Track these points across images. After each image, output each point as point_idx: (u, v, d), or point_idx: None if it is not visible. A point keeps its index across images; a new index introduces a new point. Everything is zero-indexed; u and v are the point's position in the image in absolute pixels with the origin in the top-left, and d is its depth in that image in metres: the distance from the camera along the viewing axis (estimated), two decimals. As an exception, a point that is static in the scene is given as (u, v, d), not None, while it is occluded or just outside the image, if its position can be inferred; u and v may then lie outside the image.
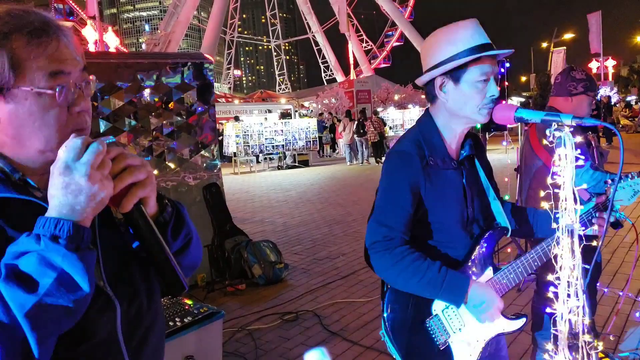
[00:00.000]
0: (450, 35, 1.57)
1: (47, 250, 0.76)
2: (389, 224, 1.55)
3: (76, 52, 0.92)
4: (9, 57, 0.84)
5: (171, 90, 5.08)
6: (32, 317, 0.75)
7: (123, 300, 0.95)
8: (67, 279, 0.77)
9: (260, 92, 38.06)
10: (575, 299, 1.39)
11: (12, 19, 0.86)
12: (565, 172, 1.39)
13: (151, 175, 0.91)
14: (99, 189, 0.81)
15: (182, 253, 1.04)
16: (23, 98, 0.86)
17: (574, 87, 2.71)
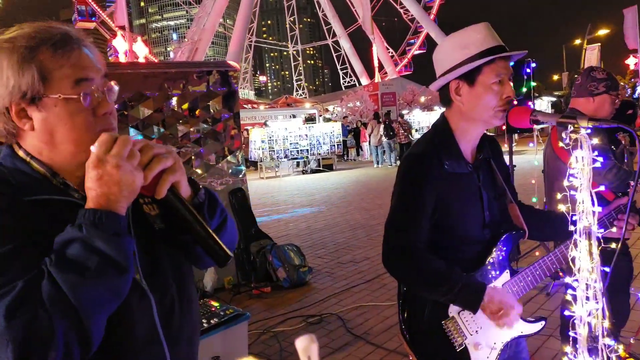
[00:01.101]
0: (462, 40, 1.59)
1: (89, 237, 0.85)
2: (406, 228, 1.57)
3: (97, 60, 1.00)
4: (38, 69, 0.91)
5: (197, 98, 5.21)
6: (82, 297, 0.83)
7: (157, 292, 1.02)
8: (110, 262, 0.86)
9: (285, 98, 38.34)
10: (594, 301, 1.39)
11: (37, 34, 0.93)
12: (582, 174, 1.39)
13: (178, 160, 0.97)
14: (129, 177, 0.88)
15: (220, 230, 1.10)
16: (52, 105, 0.93)
17: (595, 87, 2.68)
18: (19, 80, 0.91)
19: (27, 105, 0.94)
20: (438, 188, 1.59)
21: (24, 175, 0.97)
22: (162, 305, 1.04)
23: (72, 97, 0.94)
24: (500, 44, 1.58)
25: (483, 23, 1.63)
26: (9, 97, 0.92)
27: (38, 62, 0.92)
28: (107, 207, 0.88)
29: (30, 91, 0.92)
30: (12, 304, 0.81)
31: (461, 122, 1.65)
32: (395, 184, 1.66)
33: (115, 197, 0.88)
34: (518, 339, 1.69)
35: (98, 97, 0.98)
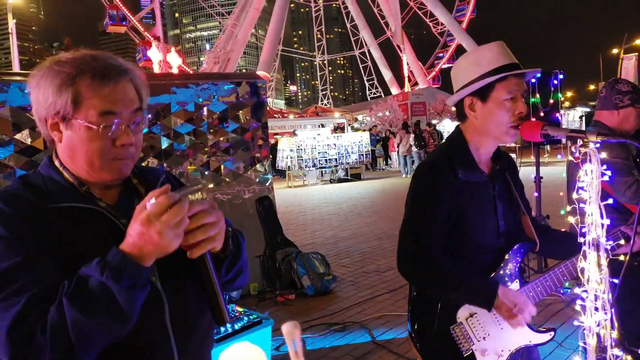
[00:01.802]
0: (476, 57, 1.65)
1: (107, 280, 0.91)
2: (420, 235, 1.63)
3: (132, 94, 1.09)
4: (72, 95, 1.02)
5: (227, 108, 5.38)
6: (79, 332, 0.90)
7: (171, 293, 1.09)
8: (117, 309, 0.92)
9: (315, 107, 38.66)
10: (602, 312, 1.42)
11: (83, 63, 1.04)
12: (591, 188, 1.43)
13: (222, 229, 1.03)
14: (167, 243, 0.93)
15: (231, 282, 1.19)
16: (78, 128, 1.04)
17: (620, 99, 2.66)
18: (56, 100, 1.03)
19: (59, 121, 1.06)
20: (451, 196, 1.64)
21: (55, 183, 1.08)
22: (175, 308, 1.09)
23: (93, 126, 1.03)
24: (513, 62, 1.63)
25: (497, 42, 1.69)
26: (46, 110, 1.05)
27: (75, 88, 1.02)
28: (136, 256, 0.93)
29: (63, 111, 1.04)
30: (14, 320, 0.90)
31: (475, 136, 1.71)
32: (408, 192, 1.73)
33: (147, 252, 0.94)
34: (530, 348, 1.72)
35: (120, 130, 1.06)
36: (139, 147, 1.13)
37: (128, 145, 1.08)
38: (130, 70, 1.10)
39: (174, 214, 0.92)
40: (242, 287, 1.33)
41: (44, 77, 1.04)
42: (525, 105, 1.63)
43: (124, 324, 0.95)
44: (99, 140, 1.05)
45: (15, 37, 22.49)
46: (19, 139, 3.81)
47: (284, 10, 41.26)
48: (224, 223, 1.04)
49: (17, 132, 3.80)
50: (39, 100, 1.06)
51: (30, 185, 1.08)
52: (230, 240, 1.12)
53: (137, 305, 0.96)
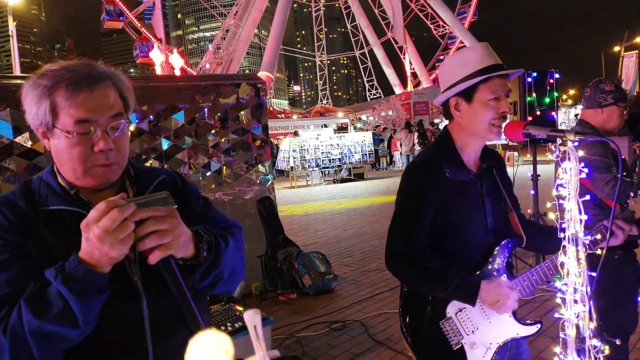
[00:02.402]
0: (461, 59, 1.70)
1: (60, 287, 0.94)
2: (407, 232, 1.69)
3: (112, 100, 1.11)
4: (49, 104, 1.08)
5: (227, 109, 5.44)
6: (34, 336, 0.95)
7: (150, 294, 1.11)
8: (70, 314, 0.95)
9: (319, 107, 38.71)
10: (581, 304, 1.47)
11: (60, 74, 1.08)
12: (570, 185, 1.48)
13: (177, 237, 1.01)
14: (108, 250, 0.93)
15: (209, 289, 1.17)
16: (58, 136, 1.10)
17: (604, 98, 2.72)
18: (37, 111, 1.09)
19: (46, 130, 1.12)
20: (439, 195, 1.70)
21: (48, 187, 1.14)
22: (154, 309, 1.11)
23: (68, 134, 1.08)
24: (497, 63, 1.68)
25: (482, 43, 1.74)
26: (33, 121, 1.12)
27: (52, 99, 1.08)
28: (89, 262, 0.95)
29: (44, 121, 1.10)
30: None
31: (462, 135, 1.76)
32: (398, 191, 1.79)
33: (96, 258, 0.95)
34: (518, 341, 1.77)
35: (97, 136, 1.09)
36: (123, 151, 1.15)
37: (107, 151, 1.10)
38: (110, 75, 1.13)
39: (110, 218, 0.92)
40: (229, 293, 1.31)
41: (29, 90, 1.10)
42: (508, 104, 1.69)
43: (77, 329, 0.96)
44: (77, 147, 1.08)
45: (16, 40, 22.63)
46: (19, 142, 3.87)
47: (287, 10, 41.33)
48: (180, 231, 1.02)
49: (17, 135, 3.86)
50: (27, 112, 1.12)
51: (27, 190, 1.15)
52: (205, 247, 1.11)
53: (92, 311, 0.97)
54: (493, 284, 1.63)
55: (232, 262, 1.19)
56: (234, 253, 1.20)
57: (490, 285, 1.63)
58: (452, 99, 1.73)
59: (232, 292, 1.31)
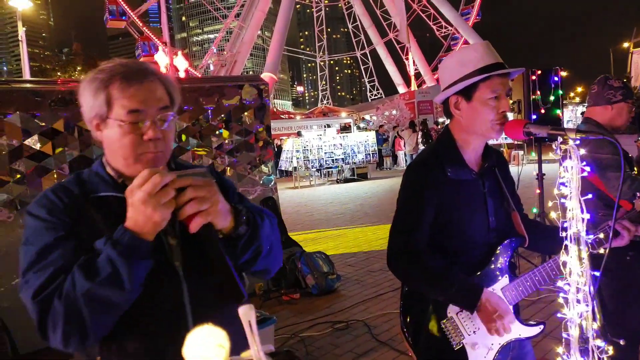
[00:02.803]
0: (461, 57, 1.69)
1: (109, 250, 1.04)
2: (408, 232, 1.68)
3: (160, 94, 1.20)
4: (105, 97, 1.17)
5: (231, 111, 5.45)
6: (85, 298, 1.03)
7: (190, 278, 1.18)
8: (117, 276, 1.03)
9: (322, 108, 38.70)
10: (584, 304, 1.46)
11: (115, 69, 1.18)
12: (572, 184, 1.47)
13: (215, 203, 1.09)
14: (151, 212, 1.03)
15: (250, 263, 1.24)
16: (112, 126, 1.18)
17: (613, 94, 2.68)
18: (94, 103, 1.18)
19: (99, 122, 1.20)
20: (440, 194, 1.69)
21: (98, 176, 1.24)
22: (194, 290, 1.18)
23: (122, 123, 1.16)
24: (497, 62, 1.67)
25: (483, 42, 1.73)
26: (89, 114, 1.21)
27: (108, 91, 1.17)
28: (134, 229, 1.05)
29: (99, 112, 1.18)
30: (40, 286, 1.06)
31: (462, 134, 1.75)
32: (399, 190, 1.78)
33: (141, 224, 1.05)
34: (522, 342, 1.76)
35: (147, 126, 1.17)
36: (169, 142, 1.23)
37: (155, 140, 1.18)
38: (158, 73, 1.23)
39: (152, 183, 1.02)
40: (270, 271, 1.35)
41: (87, 85, 1.19)
42: (508, 104, 1.68)
43: (123, 293, 1.04)
44: (128, 135, 1.16)
45: (26, 44, 22.79)
46: (29, 144, 3.91)
47: (289, 11, 41.34)
48: (218, 199, 1.10)
49: (26, 138, 3.90)
50: (84, 105, 1.21)
51: (79, 179, 1.24)
52: (243, 219, 1.18)
53: (137, 275, 1.05)
54: (495, 296, 1.64)
55: (269, 239, 1.26)
56: (270, 232, 1.28)
57: (492, 295, 1.63)
58: (452, 98, 1.72)
59: (270, 272, 1.35)
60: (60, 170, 4.07)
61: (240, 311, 0.65)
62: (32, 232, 1.14)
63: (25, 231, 1.16)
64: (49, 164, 3.99)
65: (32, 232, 1.14)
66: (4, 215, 3.78)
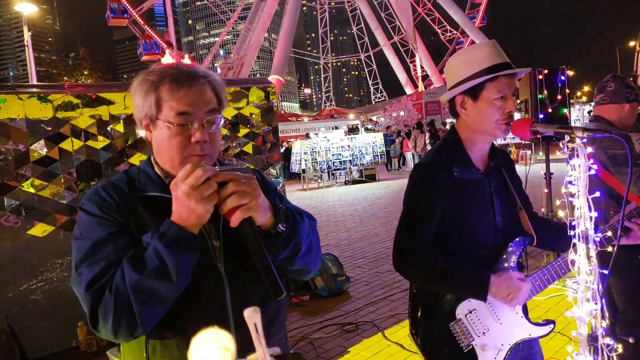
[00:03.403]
0: (468, 57, 1.69)
1: (156, 243, 1.07)
2: (416, 234, 1.68)
3: (208, 96, 1.22)
4: (155, 98, 1.19)
5: (238, 113, 5.48)
6: (134, 290, 1.05)
7: (232, 281, 1.21)
8: (164, 269, 1.06)
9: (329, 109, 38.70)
10: (593, 302, 1.46)
11: (165, 71, 1.20)
12: (579, 182, 1.47)
13: (256, 197, 1.10)
14: (194, 205, 1.05)
15: (289, 261, 1.24)
16: (160, 127, 1.20)
17: (630, 93, 2.66)
18: (144, 104, 1.21)
19: (149, 122, 1.22)
20: (447, 194, 1.69)
21: (146, 175, 1.26)
22: (236, 293, 1.20)
23: (170, 125, 1.18)
24: (504, 61, 1.67)
25: (490, 41, 1.73)
26: (139, 114, 1.23)
27: (157, 93, 1.19)
28: (179, 222, 1.08)
29: (149, 113, 1.20)
30: (92, 279, 1.10)
31: (468, 133, 1.75)
32: (405, 191, 1.78)
33: (185, 217, 1.07)
34: (530, 342, 1.75)
35: (195, 128, 1.18)
36: (216, 144, 1.25)
37: (202, 142, 1.19)
38: (207, 75, 1.24)
39: (195, 176, 1.05)
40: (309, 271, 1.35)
41: (138, 86, 1.22)
42: (515, 104, 1.68)
43: (170, 284, 1.06)
44: (176, 137, 1.18)
45: (32, 49, 22.98)
46: (35, 149, 3.95)
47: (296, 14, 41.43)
48: (259, 193, 1.12)
49: (33, 143, 3.93)
50: (135, 106, 1.24)
51: (128, 177, 1.27)
52: (283, 217, 1.19)
53: (183, 267, 1.08)
54: (503, 277, 1.62)
55: (308, 238, 1.27)
56: (310, 231, 1.29)
57: (500, 278, 1.62)
58: (458, 97, 1.72)
59: (309, 271, 1.35)
60: (67, 176, 4.10)
61: (246, 314, 0.66)
62: (85, 227, 1.17)
63: (78, 226, 1.19)
64: (55, 168, 4.02)
65: (85, 227, 1.17)
66: (11, 221, 3.80)
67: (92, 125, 4.21)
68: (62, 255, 3.95)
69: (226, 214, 1.09)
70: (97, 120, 4.24)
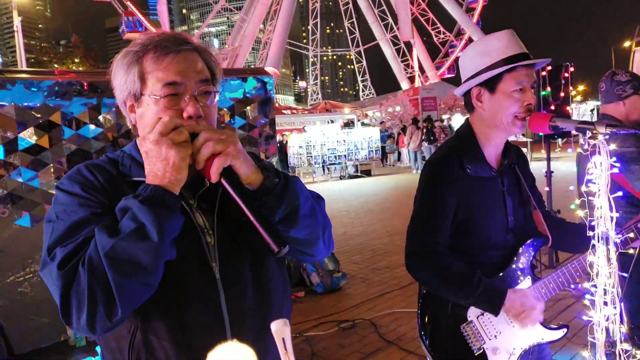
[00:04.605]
0: (485, 47, 1.61)
1: (130, 205, 0.95)
2: (428, 234, 1.60)
3: (199, 66, 1.08)
4: (138, 71, 1.06)
5: (234, 104, 5.37)
6: (109, 258, 0.91)
7: (226, 282, 1.10)
8: (142, 230, 0.92)
9: (325, 103, 38.51)
10: (612, 306, 1.39)
11: (148, 41, 1.07)
12: (600, 180, 1.39)
13: (234, 145, 0.99)
14: (166, 152, 0.95)
15: (288, 223, 1.07)
16: (146, 103, 1.06)
17: (622, 90, 2.61)
18: (126, 79, 1.07)
19: (133, 102, 1.09)
20: (460, 191, 1.61)
21: (131, 159, 1.13)
22: (231, 294, 1.10)
23: (157, 97, 1.04)
24: (523, 52, 1.59)
25: (507, 30, 1.65)
26: (122, 94, 1.10)
27: (140, 65, 1.06)
28: (154, 182, 0.96)
29: (132, 89, 1.07)
30: (66, 256, 0.95)
31: (483, 128, 1.67)
32: (417, 188, 1.70)
33: (160, 173, 0.96)
34: (541, 345, 1.69)
35: (187, 100, 1.05)
36: (212, 121, 1.11)
37: (194, 117, 1.05)
38: (196, 45, 1.11)
39: (162, 123, 0.96)
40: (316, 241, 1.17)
41: (118, 62, 1.09)
42: (533, 96, 1.60)
43: (150, 243, 0.92)
44: (166, 112, 1.04)
45: (21, 35, 22.56)
46: (24, 137, 3.83)
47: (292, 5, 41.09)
48: (237, 140, 1.01)
49: (22, 130, 3.81)
50: (116, 85, 1.11)
51: (112, 160, 1.15)
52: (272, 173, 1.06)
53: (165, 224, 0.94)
54: (519, 294, 1.56)
55: (308, 200, 1.13)
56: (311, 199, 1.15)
57: (516, 295, 1.56)
58: (474, 89, 1.64)
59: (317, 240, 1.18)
60: (58, 165, 3.99)
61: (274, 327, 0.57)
62: (62, 208, 1.03)
63: (55, 207, 1.04)
64: (45, 157, 3.91)
65: (62, 208, 1.03)
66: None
67: (83, 113, 4.10)
68: (52, 247, 3.85)
69: (205, 169, 0.98)
70: (89, 108, 4.12)
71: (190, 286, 1.06)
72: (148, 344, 1.06)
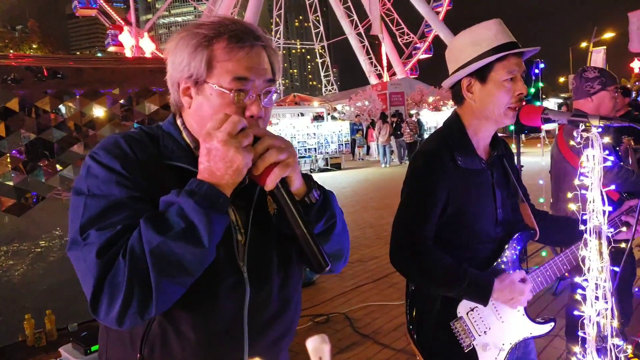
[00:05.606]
0: (474, 36, 1.57)
1: (183, 202, 0.89)
2: (415, 226, 1.56)
3: (266, 63, 1.03)
4: (207, 56, 0.99)
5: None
6: (154, 255, 0.86)
7: (254, 284, 1.05)
8: (193, 232, 0.88)
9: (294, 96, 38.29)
10: (603, 301, 1.37)
11: (219, 26, 1.00)
12: (593, 174, 1.37)
13: (293, 156, 0.97)
14: (234, 155, 0.89)
15: (324, 237, 1.07)
16: (209, 92, 1.00)
17: (590, 86, 2.69)
18: (190, 62, 0.99)
19: (191, 86, 1.02)
20: (449, 184, 1.57)
21: (173, 140, 1.06)
22: (256, 298, 1.06)
23: (225, 91, 0.98)
24: (512, 40, 1.56)
25: (495, 19, 1.62)
26: (179, 74, 1.02)
27: (210, 50, 0.99)
28: (210, 180, 0.91)
29: (196, 74, 1.00)
30: (105, 243, 0.89)
31: (473, 120, 1.64)
32: (405, 180, 1.65)
33: (219, 173, 0.90)
34: (527, 341, 1.67)
35: (251, 99, 1.00)
36: (267, 121, 1.07)
37: (255, 117, 1.01)
38: (265, 38, 1.04)
39: (231, 122, 0.90)
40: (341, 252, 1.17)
41: (182, 40, 1.02)
42: (524, 85, 1.57)
43: (196, 248, 0.88)
44: (230, 107, 0.99)
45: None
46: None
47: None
48: (294, 151, 0.98)
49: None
50: (174, 63, 1.03)
51: (150, 136, 1.07)
52: (315, 185, 1.07)
53: (217, 230, 0.91)
54: (506, 282, 1.54)
55: (341, 215, 1.14)
56: (341, 212, 1.15)
57: (503, 284, 1.53)
58: (464, 80, 1.60)
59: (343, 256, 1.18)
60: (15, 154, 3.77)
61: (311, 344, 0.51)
62: (97, 183, 0.95)
63: (87, 179, 0.96)
64: (2, 147, 3.69)
65: (97, 183, 0.95)
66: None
67: (44, 100, 3.88)
68: (9, 241, 3.64)
69: (260, 175, 0.94)
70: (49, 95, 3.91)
71: (217, 283, 1.02)
72: (165, 337, 1.01)
